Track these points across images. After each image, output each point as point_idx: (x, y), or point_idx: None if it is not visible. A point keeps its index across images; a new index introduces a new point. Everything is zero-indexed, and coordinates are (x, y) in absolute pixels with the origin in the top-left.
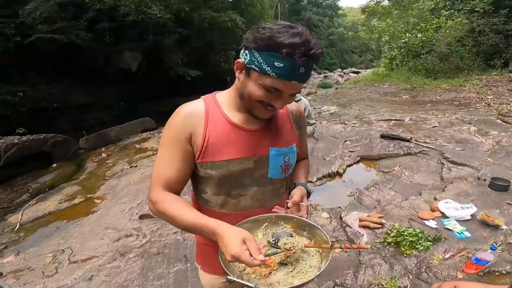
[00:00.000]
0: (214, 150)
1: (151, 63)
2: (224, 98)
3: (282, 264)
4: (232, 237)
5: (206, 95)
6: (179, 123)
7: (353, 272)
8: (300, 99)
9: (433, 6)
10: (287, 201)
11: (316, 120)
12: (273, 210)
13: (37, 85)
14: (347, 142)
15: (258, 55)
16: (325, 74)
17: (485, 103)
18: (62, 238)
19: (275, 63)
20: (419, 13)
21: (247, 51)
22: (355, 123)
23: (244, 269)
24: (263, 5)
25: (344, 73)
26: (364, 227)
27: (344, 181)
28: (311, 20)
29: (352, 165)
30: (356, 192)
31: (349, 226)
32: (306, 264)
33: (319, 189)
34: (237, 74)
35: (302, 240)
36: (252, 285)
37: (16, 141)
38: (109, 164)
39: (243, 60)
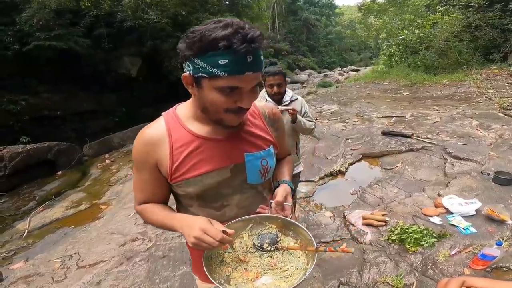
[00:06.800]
0: (184, 167)
1: (151, 68)
2: (186, 112)
3: (269, 268)
4: (198, 218)
5: (167, 111)
6: (142, 151)
7: (358, 270)
8: (297, 99)
9: (428, 2)
10: (271, 201)
11: (316, 119)
12: (258, 210)
13: (39, 93)
14: (349, 140)
15: (199, 60)
16: (325, 73)
17: (486, 97)
18: (70, 244)
19: (219, 61)
20: (415, 9)
21: (187, 62)
22: (356, 121)
23: (231, 273)
24: (259, 7)
25: (344, 72)
26: (368, 225)
27: (346, 179)
28: (308, 20)
29: (354, 163)
30: (359, 190)
31: (353, 225)
32: (292, 266)
33: (322, 188)
34: (189, 90)
35: (288, 239)
36: None
37: (20, 150)
38: (113, 170)
39: (188, 72)
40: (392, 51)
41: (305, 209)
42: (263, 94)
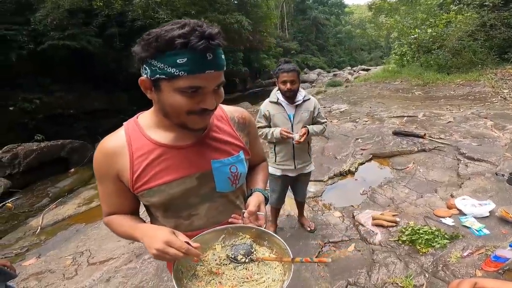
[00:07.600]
0: (146, 176)
1: None
2: (148, 120)
3: (245, 281)
4: (160, 229)
5: (128, 120)
6: (103, 163)
7: (366, 271)
8: (309, 99)
9: (441, 1)
10: (243, 210)
11: (326, 118)
12: (230, 220)
13: (53, 92)
14: (359, 140)
15: (156, 62)
16: (335, 73)
17: (501, 97)
18: (81, 241)
19: (177, 61)
20: (427, 8)
21: (144, 65)
22: (366, 121)
23: None
24: (268, 6)
25: (354, 71)
26: (378, 225)
27: (356, 179)
28: (318, 19)
29: (364, 163)
30: (369, 191)
31: (362, 225)
32: (268, 278)
33: (331, 188)
34: (148, 95)
35: (263, 250)
36: None
37: (34, 147)
38: None
39: (145, 75)
40: (403, 50)
41: (314, 208)
42: (274, 92)
